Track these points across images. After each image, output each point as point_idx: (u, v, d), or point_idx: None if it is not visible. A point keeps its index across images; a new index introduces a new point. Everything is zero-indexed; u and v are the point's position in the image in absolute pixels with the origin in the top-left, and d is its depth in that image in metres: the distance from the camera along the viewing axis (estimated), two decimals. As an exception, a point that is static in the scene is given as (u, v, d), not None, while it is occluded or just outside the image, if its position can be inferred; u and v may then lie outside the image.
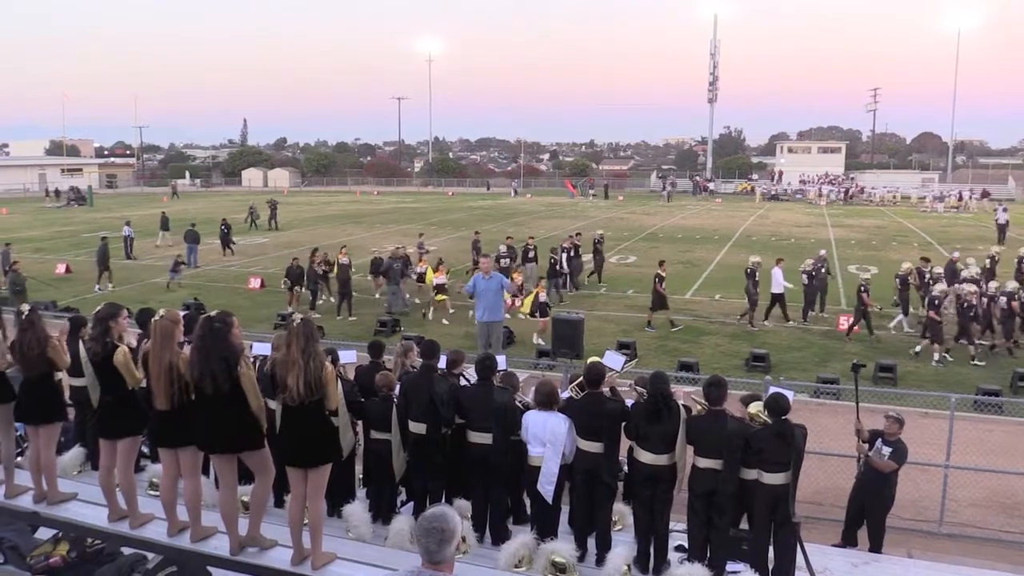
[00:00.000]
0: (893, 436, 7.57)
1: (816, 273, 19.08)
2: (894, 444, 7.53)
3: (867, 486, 7.63)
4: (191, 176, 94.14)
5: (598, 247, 24.14)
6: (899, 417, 7.67)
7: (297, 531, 5.62)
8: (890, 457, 7.47)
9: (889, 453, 7.48)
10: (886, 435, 7.59)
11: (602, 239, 24.88)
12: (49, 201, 61.79)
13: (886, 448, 7.51)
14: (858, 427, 7.67)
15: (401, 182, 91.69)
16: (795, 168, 76.26)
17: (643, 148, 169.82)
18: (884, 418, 7.73)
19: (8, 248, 24.02)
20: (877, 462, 7.49)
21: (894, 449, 7.49)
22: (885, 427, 7.64)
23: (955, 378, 14.43)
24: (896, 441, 7.55)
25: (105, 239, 24.83)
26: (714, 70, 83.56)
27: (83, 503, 6.62)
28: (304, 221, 45.20)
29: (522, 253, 22.70)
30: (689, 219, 46.59)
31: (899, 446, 7.53)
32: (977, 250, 31.48)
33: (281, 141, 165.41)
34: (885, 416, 7.75)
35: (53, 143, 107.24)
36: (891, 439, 7.56)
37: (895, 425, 7.59)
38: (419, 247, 24.48)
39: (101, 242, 24.48)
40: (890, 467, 7.50)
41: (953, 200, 54.27)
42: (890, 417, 7.67)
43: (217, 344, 5.41)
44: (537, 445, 6.48)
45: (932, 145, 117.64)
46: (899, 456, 7.50)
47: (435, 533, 3.15)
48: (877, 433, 7.66)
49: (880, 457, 7.50)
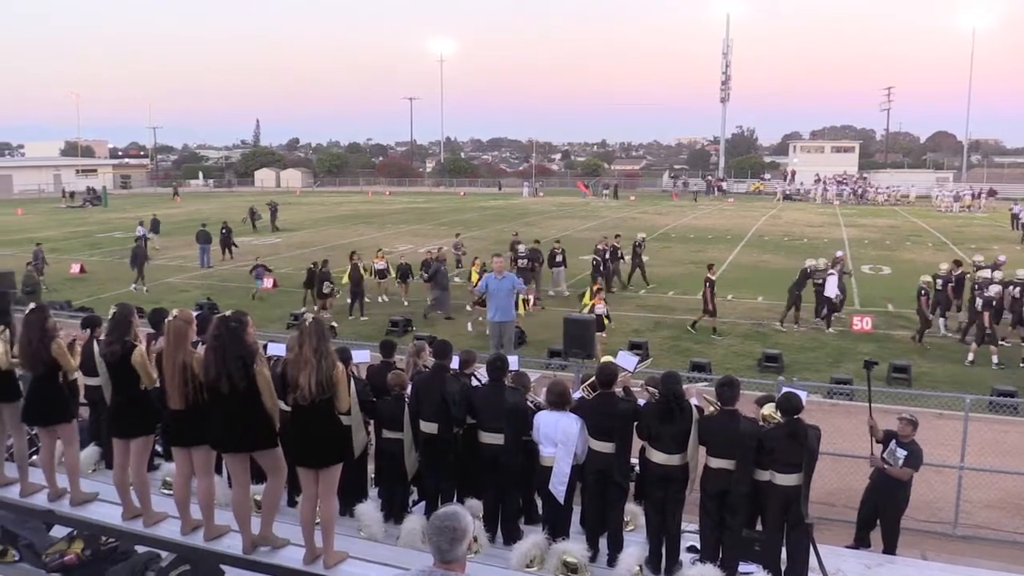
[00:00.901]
0: (907, 438, 7.49)
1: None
2: (908, 447, 7.44)
3: (881, 487, 7.56)
4: (204, 177, 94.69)
5: (638, 250, 23.51)
6: (913, 419, 7.58)
7: (309, 530, 5.64)
8: (905, 461, 7.37)
9: (904, 457, 7.38)
10: (900, 437, 7.51)
11: (643, 243, 24.22)
12: (65, 202, 62.24)
13: (900, 451, 7.42)
14: (871, 423, 7.56)
15: (413, 182, 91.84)
16: (808, 168, 75.86)
17: (655, 148, 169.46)
18: (897, 420, 7.64)
19: (39, 248, 24.20)
20: (893, 471, 7.39)
21: (909, 452, 7.40)
22: (899, 429, 7.55)
23: (970, 379, 14.32)
24: (911, 443, 7.47)
25: (140, 239, 24.73)
26: (726, 69, 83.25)
27: (97, 501, 6.64)
28: (316, 221, 45.36)
29: (549, 256, 22.23)
30: (701, 219, 46.46)
31: (914, 448, 7.45)
32: (992, 250, 31.33)
33: (294, 142, 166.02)
34: (899, 418, 7.66)
35: (68, 144, 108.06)
36: (905, 441, 7.48)
37: (909, 427, 7.51)
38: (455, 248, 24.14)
39: (136, 242, 24.32)
40: (907, 474, 7.42)
41: (967, 199, 53.84)
42: (904, 419, 7.58)
43: (234, 344, 5.44)
44: (549, 445, 6.47)
45: (947, 144, 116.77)
46: (915, 460, 7.41)
47: (447, 532, 3.15)
48: (891, 434, 7.58)
49: (895, 459, 7.41)
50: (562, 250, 22.49)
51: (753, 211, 51.80)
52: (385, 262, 21.81)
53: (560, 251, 22.33)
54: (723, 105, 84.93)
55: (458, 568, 3.18)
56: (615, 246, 22.99)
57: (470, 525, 3.22)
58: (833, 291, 17.89)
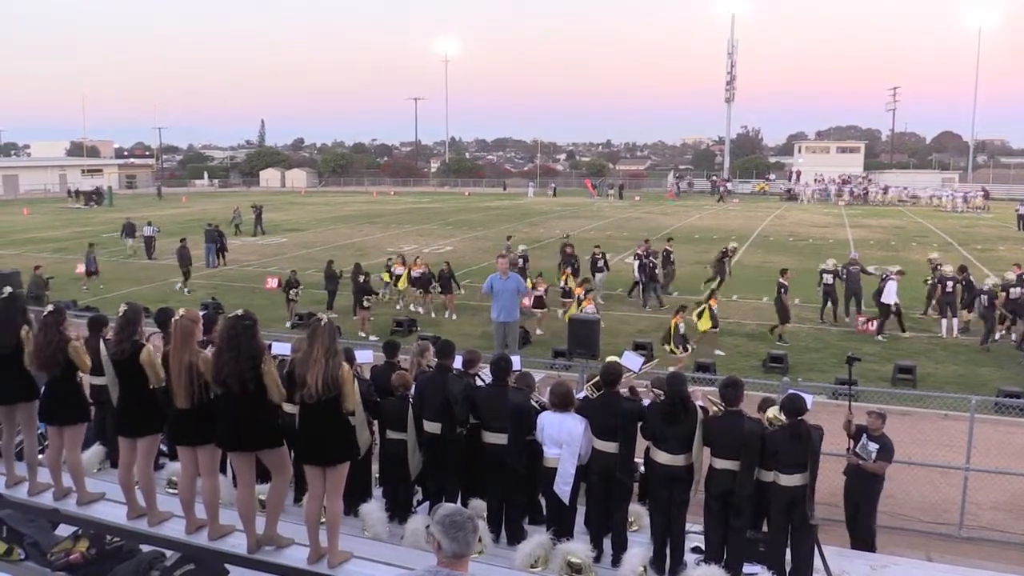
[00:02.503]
0: (877, 431, 7.58)
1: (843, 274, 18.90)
2: (879, 440, 7.54)
3: (856, 483, 7.66)
4: (209, 176, 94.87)
5: (669, 255, 22.52)
6: (881, 412, 7.73)
7: (314, 529, 5.65)
8: (877, 455, 7.48)
9: (876, 450, 7.48)
10: (870, 431, 7.60)
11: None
12: (72, 202, 62.39)
13: (872, 445, 7.52)
14: (848, 418, 7.67)
15: (418, 182, 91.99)
16: (813, 168, 75.74)
17: (660, 148, 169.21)
18: (867, 414, 7.74)
19: (92, 249, 24.19)
20: (868, 465, 7.50)
21: (881, 446, 7.50)
22: (868, 423, 7.64)
23: (976, 380, 14.28)
24: (881, 436, 7.56)
25: (184, 240, 24.42)
26: (732, 69, 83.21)
27: (103, 501, 6.67)
28: (321, 221, 45.43)
29: (591, 263, 21.43)
30: (706, 219, 46.41)
31: (885, 442, 7.55)
32: (998, 251, 31.23)
33: (298, 142, 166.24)
34: (867, 412, 7.76)
35: (74, 144, 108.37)
36: (875, 435, 7.57)
37: (878, 420, 7.61)
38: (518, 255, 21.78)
39: (180, 243, 24.01)
40: (882, 468, 7.53)
41: (977, 200, 53.60)
42: (873, 413, 7.70)
43: (247, 343, 5.48)
44: (553, 446, 6.47)
45: (953, 144, 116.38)
46: (886, 453, 7.51)
47: (467, 524, 3.15)
48: (862, 429, 7.66)
49: (867, 454, 7.51)
50: (603, 254, 21.61)
51: (758, 211, 51.73)
52: (425, 268, 20.48)
53: (601, 255, 21.45)
54: (728, 105, 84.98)
55: (462, 567, 3.18)
56: (668, 250, 22.23)
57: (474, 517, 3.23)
58: (892, 297, 17.48)
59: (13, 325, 6.62)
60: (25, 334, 6.58)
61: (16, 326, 6.61)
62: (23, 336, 6.58)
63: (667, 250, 22.46)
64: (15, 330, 6.60)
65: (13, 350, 6.58)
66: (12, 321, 6.64)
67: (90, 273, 24.14)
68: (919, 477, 9.30)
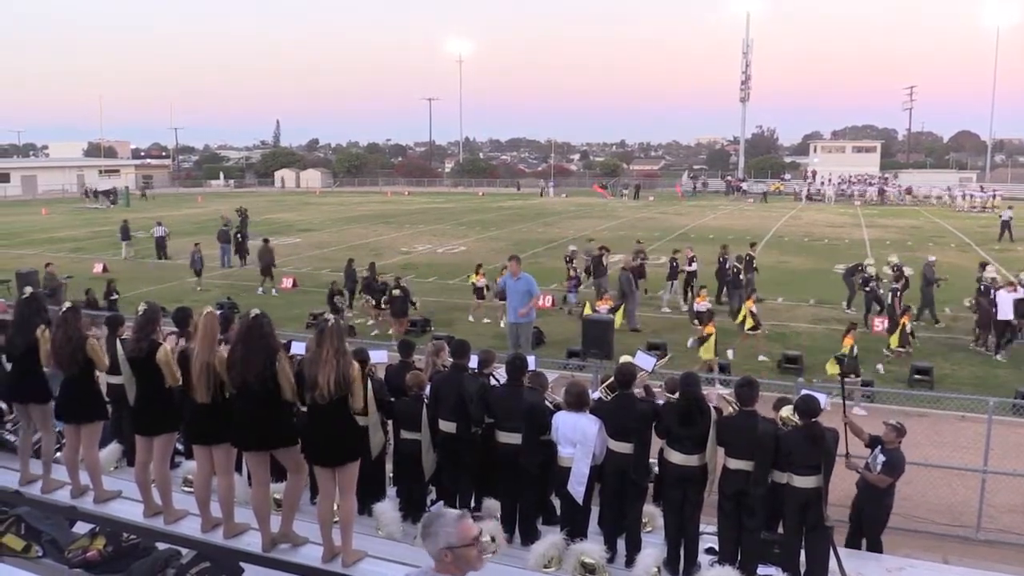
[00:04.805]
0: (891, 444, 7.22)
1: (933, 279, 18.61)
2: (890, 454, 7.15)
3: (865, 493, 7.30)
4: (225, 177, 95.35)
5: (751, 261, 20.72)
6: (898, 426, 7.31)
7: (327, 529, 5.67)
8: (882, 468, 7.10)
9: (882, 463, 7.11)
10: (885, 444, 7.25)
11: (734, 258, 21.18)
12: (90, 202, 62.89)
13: (880, 457, 7.15)
14: (846, 420, 7.24)
15: (432, 182, 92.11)
16: (829, 168, 75.30)
17: (674, 148, 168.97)
18: (883, 424, 7.41)
19: (197, 247, 23.89)
20: (870, 476, 7.16)
21: (887, 459, 7.11)
22: (884, 434, 7.29)
23: (993, 381, 14.16)
24: (894, 451, 7.18)
25: (267, 240, 24.25)
26: (746, 69, 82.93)
27: (119, 499, 6.73)
28: (336, 221, 45.57)
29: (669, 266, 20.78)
30: (720, 219, 46.21)
31: (894, 456, 7.14)
32: (1017, 251, 30.93)
33: (313, 142, 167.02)
34: (885, 423, 7.43)
35: (91, 145, 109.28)
36: (890, 448, 7.20)
37: (893, 433, 7.24)
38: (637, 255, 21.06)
39: (263, 243, 23.63)
40: (883, 481, 7.13)
41: (995, 200, 53.04)
42: (889, 424, 7.34)
43: (265, 343, 5.52)
44: (567, 446, 6.47)
45: (970, 144, 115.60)
46: (891, 469, 7.10)
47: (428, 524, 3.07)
48: (877, 440, 7.32)
49: (876, 465, 7.18)
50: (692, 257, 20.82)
51: (773, 211, 51.46)
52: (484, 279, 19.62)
53: (691, 258, 20.75)
54: (743, 105, 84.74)
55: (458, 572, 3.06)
56: (751, 255, 20.86)
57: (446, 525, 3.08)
58: (1008, 313, 15.71)
59: (31, 325, 6.68)
60: (41, 333, 6.64)
61: (33, 326, 6.68)
62: (39, 335, 6.64)
63: (750, 255, 20.93)
64: (33, 329, 6.66)
65: (29, 349, 6.64)
66: (30, 321, 6.70)
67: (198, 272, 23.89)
68: (936, 479, 9.23)
